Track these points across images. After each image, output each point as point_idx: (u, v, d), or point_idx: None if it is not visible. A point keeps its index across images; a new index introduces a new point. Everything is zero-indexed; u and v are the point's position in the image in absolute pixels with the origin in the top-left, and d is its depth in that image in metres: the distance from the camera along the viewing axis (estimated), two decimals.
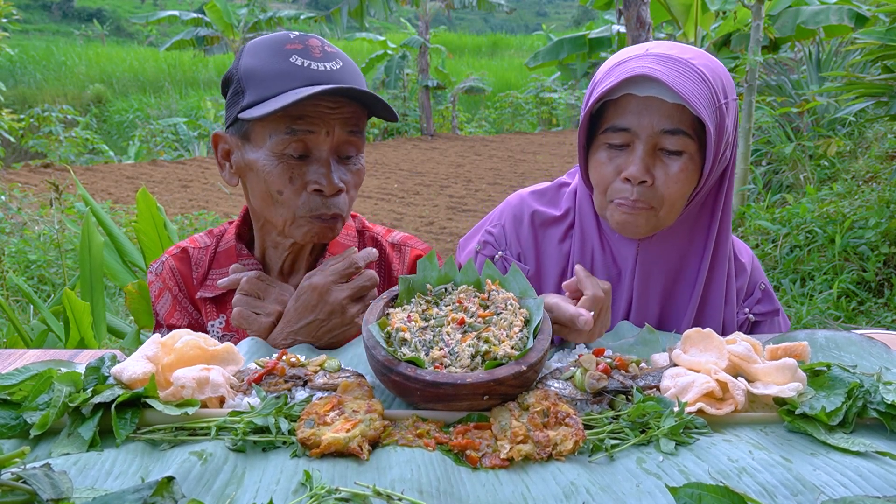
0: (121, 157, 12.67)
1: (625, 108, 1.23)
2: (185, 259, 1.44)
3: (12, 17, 8.83)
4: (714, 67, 1.24)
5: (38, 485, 0.71)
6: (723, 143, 1.23)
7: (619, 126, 1.23)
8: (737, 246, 1.46)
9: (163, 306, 1.42)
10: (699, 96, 1.17)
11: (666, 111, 1.20)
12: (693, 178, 1.24)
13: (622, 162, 1.24)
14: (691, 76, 1.18)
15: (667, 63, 1.19)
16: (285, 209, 1.24)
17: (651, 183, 1.23)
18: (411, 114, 16.07)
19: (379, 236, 1.48)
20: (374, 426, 0.88)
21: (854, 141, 6.15)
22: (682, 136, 1.20)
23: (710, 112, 1.18)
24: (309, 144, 1.21)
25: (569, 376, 0.99)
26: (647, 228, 1.27)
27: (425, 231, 7.59)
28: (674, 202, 1.24)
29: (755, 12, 5.43)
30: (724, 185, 1.31)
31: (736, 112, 1.28)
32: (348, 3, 12.74)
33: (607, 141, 1.26)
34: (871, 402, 0.91)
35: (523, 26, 40.89)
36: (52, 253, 5.38)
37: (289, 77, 1.18)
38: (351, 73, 1.24)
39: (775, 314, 1.44)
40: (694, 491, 0.72)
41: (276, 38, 1.24)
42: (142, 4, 34.56)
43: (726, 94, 1.23)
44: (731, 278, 1.40)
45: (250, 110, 1.19)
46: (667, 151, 1.22)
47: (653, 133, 1.21)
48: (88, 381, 0.94)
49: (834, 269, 4.50)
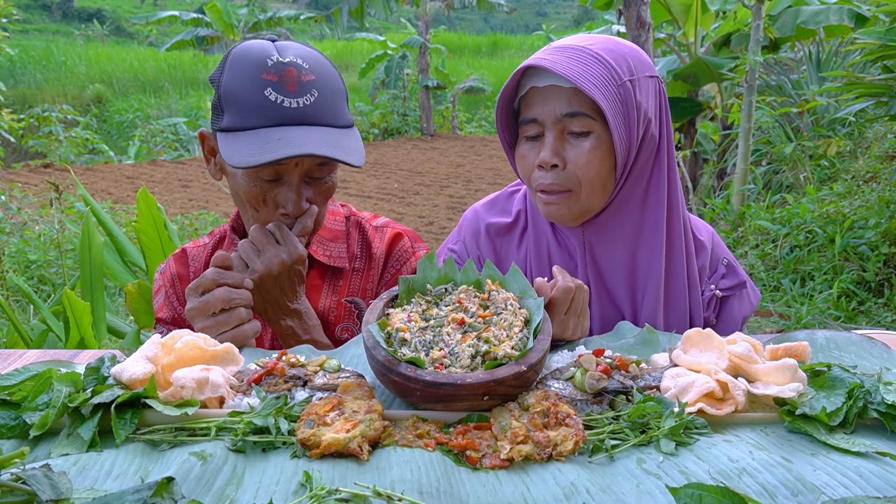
0: (121, 157, 12.68)
1: (531, 101, 1.30)
2: (183, 259, 1.53)
3: (12, 17, 8.84)
4: (616, 49, 1.28)
5: (38, 485, 0.71)
6: (636, 120, 1.26)
7: (528, 118, 1.31)
8: (695, 224, 1.47)
9: (157, 301, 1.52)
10: (591, 77, 1.22)
11: (565, 96, 1.26)
12: (607, 157, 1.28)
13: (538, 151, 1.30)
14: (584, 60, 1.24)
15: (559, 52, 1.27)
16: (257, 222, 1.32)
17: (563, 166, 1.28)
18: (411, 114, 16.06)
19: (363, 220, 1.56)
20: (374, 426, 0.87)
21: (854, 141, 6.15)
22: (583, 118, 1.25)
23: (606, 91, 1.22)
24: (280, 171, 1.27)
25: (569, 377, 0.99)
26: (573, 213, 1.31)
27: (425, 231, 7.59)
28: (591, 182, 1.28)
29: (755, 12, 5.43)
30: (659, 163, 1.33)
31: (655, 89, 1.31)
32: (348, 2, 12.74)
33: (524, 134, 1.33)
34: (872, 402, 0.91)
35: (523, 26, 40.88)
36: (52, 253, 5.38)
37: (261, 113, 1.23)
38: (325, 104, 1.27)
39: (742, 286, 1.45)
40: (694, 491, 0.72)
41: (255, 59, 1.25)
42: (142, 4, 34.56)
43: (632, 73, 1.27)
44: (692, 257, 1.41)
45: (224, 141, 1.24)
46: (574, 134, 1.27)
47: (556, 119, 1.27)
48: (88, 382, 0.94)
49: (834, 269, 4.50)
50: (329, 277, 1.48)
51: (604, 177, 1.29)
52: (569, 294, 1.15)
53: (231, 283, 1.20)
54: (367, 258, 1.52)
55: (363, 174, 11.10)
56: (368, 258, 1.52)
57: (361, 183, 10.43)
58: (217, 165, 1.38)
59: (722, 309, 1.44)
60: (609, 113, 1.22)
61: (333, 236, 1.50)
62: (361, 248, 1.53)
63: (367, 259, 1.52)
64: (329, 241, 1.48)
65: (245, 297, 1.20)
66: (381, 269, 1.51)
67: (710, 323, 1.43)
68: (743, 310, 1.45)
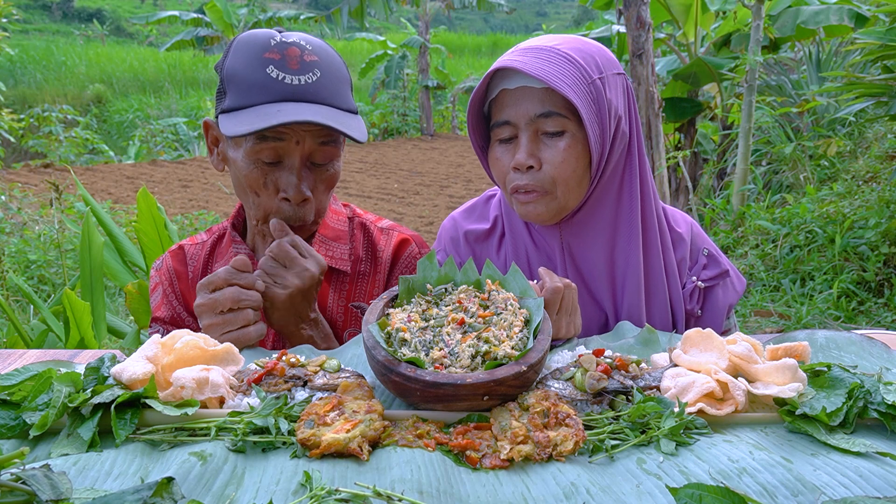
0: (121, 157, 12.68)
1: (503, 103, 1.30)
2: (181, 257, 1.50)
3: (12, 17, 8.84)
4: (584, 48, 1.29)
5: (38, 485, 0.71)
6: (607, 118, 1.27)
7: (501, 121, 1.30)
8: (672, 216, 1.47)
9: (154, 300, 1.49)
10: (562, 76, 1.22)
11: (538, 97, 1.26)
12: (582, 155, 1.28)
13: (512, 153, 1.30)
14: (554, 59, 1.25)
15: (528, 53, 1.27)
16: (258, 209, 1.31)
17: (539, 167, 1.28)
18: (411, 114, 16.07)
19: (368, 222, 1.53)
20: (374, 427, 0.87)
21: (854, 141, 6.14)
22: (557, 117, 1.26)
23: (578, 89, 1.23)
24: (280, 152, 1.26)
25: (569, 377, 0.99)
26: (550, 212, 1.32)
27: (425, 231, 7.59)
28: (567, 181, 1.28)
29: (755, 12, 5.43)
30: (631, 159, 1.34)
31: (623, 87, 1.33)
32: (348, 3, 12.74)
33: (497, 137, 1.33)
34: (872, 402, 0.91)
35: (523, 26, 40.86)
36: (52, 253, 5.38)
37: (262, 90, 1.22)
38: (327, 85, 1.25)
39: (725, 276, 1.45)
40: (694, 491, 0.72)
41: (258, 41, 1.25)
42: (142, 4, 34.55)
43: (601, 71, 1.27)
44: (668, 250, 1.42)
45: (225, 120, 1.24)
46: (548, 134, 1.28)
47: (530, 120, 1.27)
48: (88, 382, 0.94)
49: (834, 269, 4.50)
50: (335, 281, 1.46)
51: (579, 175, 1.29)
52: (558, 294, 1.16)
53: (242, 284, 1.20)
54: (373, 261, 1.49)
55: (363, 174, 11.10)
56: (374, 261, 1.49)
57: (361, 183, 10.43)
58: (220, 155, 1.36)
59: (706, 299, 1.44)
60: (583, 111, 1.23)
61: (336, 235, 1.47)
62: (367, 251, 1.50)
63: (373, 262, 1.49)
64: (331, 241, 1.45)
65: (254, 298, 1.20)
66: (387, 273, 1.49)
67: (695, 315, 1.43)
68: (728, 298, 1.45)
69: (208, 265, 1.48)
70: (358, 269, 1.48)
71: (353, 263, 1.47)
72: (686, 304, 1.42)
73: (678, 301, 1.42)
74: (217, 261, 1.48)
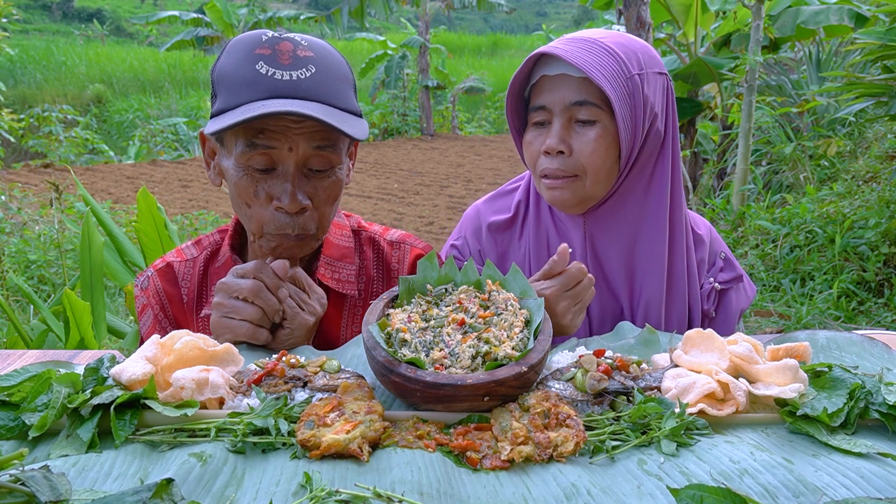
0: (121, 157, 12.67)
1: (541, 89, 1.34)
2: (170, 276, 1.38)
3: (12, 17, 8.84)
4: (628, 44, 1.31)
5: (37, 487, 0.71)
6: (642, 113, 1.29)
7: (537, 105, 1.34)
8: (693, 219, 1.51)
9: (144, 323, 1.38)
10: (600, 67, 1.25)
11: (575, 85, 1.29)
12: (612, 147, 1.31)
13: (545, 138, 1.33)
14: (595, 51, 1.28)
15: (571, 42, 1.30)
16: (253, 222, 1.22)
17: (569, 154, 1.31)
18: (411, 114, 16.06)
19: (376, 235, 1.44)
20: (375, 427, 0.87)
21: (854, 141, 6.14)
22: (591, 107, 1.28)
23: (615, 82, 1.26)
24: (273, 158, 1.16)
25: (569, 377, 0.99)
26: (576, 199, 1.34)
27: (425, 231, 7.59)
28: (596, 170, 1.31)
29: (755, 12, 5.43)
30: (663, 158, 1.35)
31: (663, 86, 1.35)
32: (348, 3, 12.74)
33: (533, 121, 1.37)
34: (873, 403, 0.91)
35: (523, 26, 40.89)
36: (52, 253, 5.38)
37: (251, 87, 1.12)
38: (323, 82, 1.16)
39: (739, 280, 1.49)
40: (695, 492, 0.72)
41: (250, 40, 1.17)
42: (142, 4, 34.55)
43: (641, 67, 1.30)
44: (691, 251, 1.45)
45: (212, 122, 1.16)
46: (581, 122, 1.30)
47: (564, 106, 1.30)
48: (87, 382, 0.94)
49: (834, 269, 4.50)
50: (347, 305, 1.37)
51: (608, 166, 1.32)
52: (582, 272, 1.19)
53: (267, 283, 1.16)
54: (387, 280, 1.40)
55: (363, 174, 11.10)
56: (388, 280, 1.40)
57: (361, 183, 10.43)
58: (216, 169, 1.27)
59: (720, 302, 1.47)
60: (616, 103, 1.25)
61: (341, 255, 1.36)
62: (378, 269, 1.40)
63: (387, 282, 1.40)
64: (336, 262, 1.36)
65: (270, 303, 1.15)
66: None
67: (710, 315, 1.46)
68: (740, 303, 1.49)
69: (203, 287, 1.38)
70: (371, 289, 1.40)
71: (365, 284, 1.39)
72: (703, 304, 1.45)
73: (696, 300, 1.44)
74: (213, 283, 1.36)
